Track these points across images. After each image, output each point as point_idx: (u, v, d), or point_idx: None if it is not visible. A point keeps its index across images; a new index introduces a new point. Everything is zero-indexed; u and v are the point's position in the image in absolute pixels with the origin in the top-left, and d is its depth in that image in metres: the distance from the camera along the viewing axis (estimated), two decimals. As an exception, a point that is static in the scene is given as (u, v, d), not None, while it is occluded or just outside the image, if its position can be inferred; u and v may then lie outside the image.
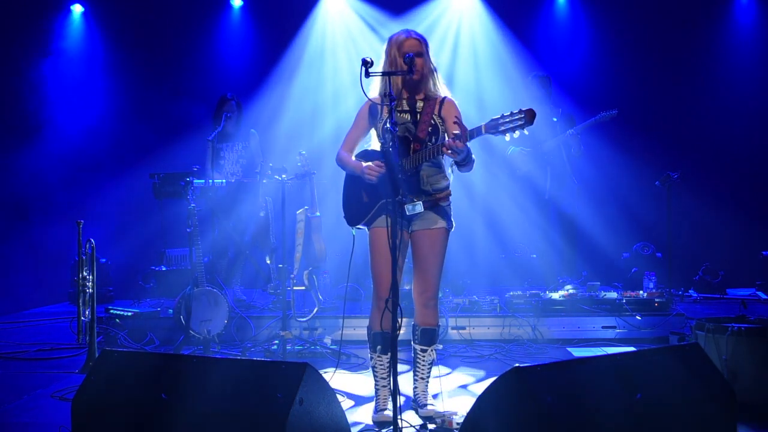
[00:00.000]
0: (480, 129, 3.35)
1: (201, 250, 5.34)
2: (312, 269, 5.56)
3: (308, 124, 8.04)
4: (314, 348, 5.22)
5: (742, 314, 4.12)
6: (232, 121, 6.42)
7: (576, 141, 6.54)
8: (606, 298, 5.79)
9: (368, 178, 3.61)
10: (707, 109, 8.04)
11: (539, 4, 8.39)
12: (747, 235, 7.73)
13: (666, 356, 3.19)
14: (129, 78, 8.19)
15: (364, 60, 3.30)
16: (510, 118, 3.23)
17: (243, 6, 8.53)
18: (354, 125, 3.87)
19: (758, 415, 3.59)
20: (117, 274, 7.71)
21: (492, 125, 3.29)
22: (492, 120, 3.29)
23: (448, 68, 7.92)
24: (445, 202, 3.75)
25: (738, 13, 8.28)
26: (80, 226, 5.17)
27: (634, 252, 7.58)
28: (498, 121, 3.27)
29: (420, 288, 3.79)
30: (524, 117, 3.19)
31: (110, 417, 3.03)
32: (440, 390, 4.06)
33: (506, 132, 3.25)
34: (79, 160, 8.01)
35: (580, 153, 6.62)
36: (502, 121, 3.25)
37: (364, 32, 8.19)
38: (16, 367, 5.06)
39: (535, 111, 3.21)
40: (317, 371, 2.95)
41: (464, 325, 5.66)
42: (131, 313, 5.79)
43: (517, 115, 3.21)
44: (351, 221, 3.84)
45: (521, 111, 3.21)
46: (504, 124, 3.24)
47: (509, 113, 3.23)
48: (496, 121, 3.28)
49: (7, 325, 6.56)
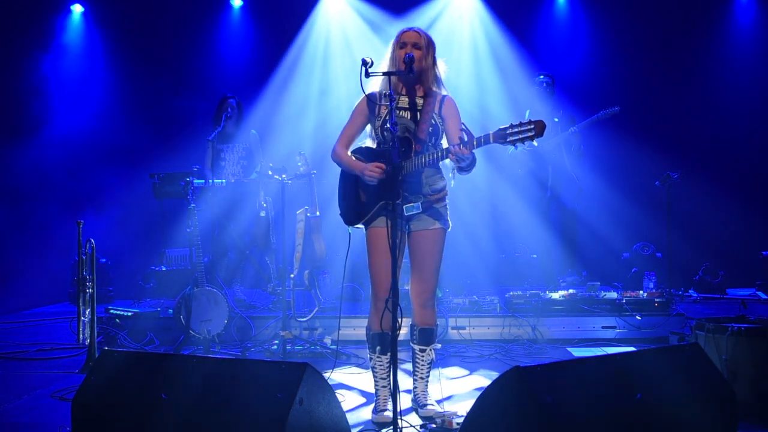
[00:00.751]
0: (488, 137, 3.30)
1: (201, 250, 5.34)
2: (312, 269, 5.56)
3: (308, 124, 8.04)
4: (314, 348, 5.22)
5: (742, 314, 4.12)
6: (232, 121, 6.42)
7: (577, 139, 6.56)
8: (606, 298, 5.79)
9: (369, 179, 3.59)
10: (707, 109, 8.04)
11: (539, 4, 8.39)
12: (747, 235, 7.73)
13: (666, 356, 3.19)
14: (129, 78, 8.19)
15: (364, 60, 3.29)
16: (519, 129, 3.18)
17: (243, 6, 8.53)
18: (351, 121, 3.83)
19: (758, 415, 3.59)
20: (117, 274, 7.71)
21: (500, 134, 3.25)
22: (500, 129, 3.25)
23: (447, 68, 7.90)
24: (442, 203, 3.74)
25: (738, 13, 8.29)
26: (80, 226, 5.17)
27: (634, 252, 7.58)
28: (506, 131, 3.22)
29: (418, 288, 3.78)
30: (534, 129, 3.15)
31: (110, 417, 3.03)
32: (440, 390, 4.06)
33: (515, 142, 3.21)
34: (79, 160, 8.01)
35: (580, 152, 6.64)
36: (511, 131, 3.21)
37: (364, 32, 8.19)
38: (16, 367, 5.06)
39: (545, 123, 3.17)
40: (317, 371, 2.95)
41: (464, 325, 5.66)
42: (131, 313, 5.79)
43: (526, 126, 3.16)
44: (348, 220, 3.82)
45: (531, 122, 3.16)
46: (513, 134, 3.20)
47: (518, 123, 3.19)
48: (504, 130, 3.23)
49: (7, 325, 6.56)
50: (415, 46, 3.63)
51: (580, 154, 6.64)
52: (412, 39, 3.65)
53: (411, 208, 3.60)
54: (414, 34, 3.67)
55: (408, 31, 3.69)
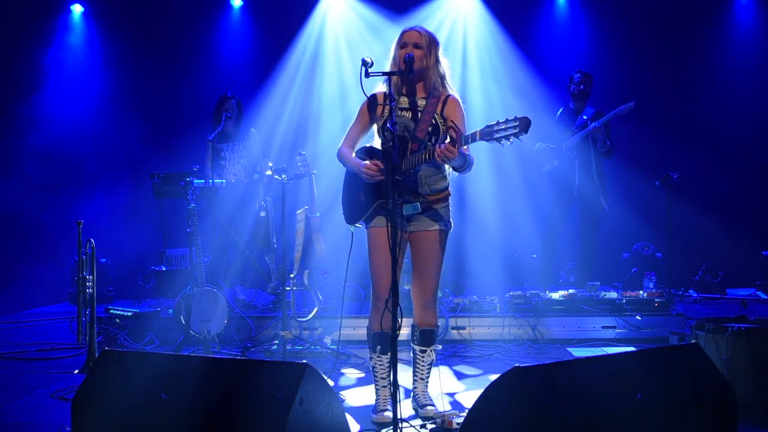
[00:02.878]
0: (474, 135, 3.30)
1: (201, 250, 5.34)
2: (312, 269, 5.56)
3: (308, 124, 8.04)
4: (314, 348, 5.22)
5: (742, 314, 4.12)
6: (232, 120, 6.41)
7: (601, 134, 6.31)
8: (606, 298, 5.79)
9: (365, 177, 3.60)
10: (707, 109, 8.04)
11: (539, 5, 8.39)
12: (747, 235, 7.73)
13: (666, 356, 3.19)
14: (129, 78, 8.19)
15: (364, 60, 3.29)
16: (504, 126, 3.17)
17: (243, 6, 8.53)
18: (355, 121, 3.84)
19: (758, 415, 3.59)
20: (117, 274, 7.71)
21: (486, 132, 3.24)
22: (487, 126, 3.24)
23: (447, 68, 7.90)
24: (443, 203, 3.73)
25: (738, 13, 8.29)
26: (80, 226, 5.17)
27: (634, 252, 7.58)
28: (493, 128, 3.21)
29: (419, 289, 3.78)
30: (518, 125, 3.12)
31: (110, 417, 3.02)
32: (440, 390, 4.06)
33: (500, 139, 3.19)
34: (79, 160, 8.02)
35: (607, 147, 6.37)
36: (497, 128, 3.19)
37: (364, 32, 8.19)
38: (16, 367, 5.06)
39: (530, 119, 3.13)
40: (317, 371, 2.95)
41: (464, 325, 5.66)
42: (131, 313, 5.79)
43: (511, 123, 3.14)
44: (349, 219, 3.84)
45: (516, 119, 3.13)
46: (498, 131, 3.18)
47: (504, 120, 3.17)
48: (491, 127, 3.22)
49: (7, 325, 6.56)
50: (415, 46, 3.63)
51: (607, 149, 6.40)
52: (413, 39, 3.65)
53: (409, 208, 3.60)
54: (415, 34, 3.67)
55: (409, 31, 3.69)
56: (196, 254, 5.31)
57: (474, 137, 3.30)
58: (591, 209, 6.54)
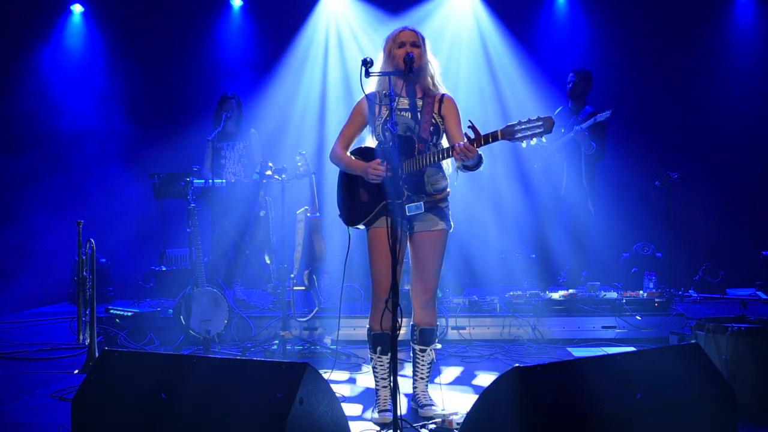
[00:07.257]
0: (496, 134, 3.30)
1: (201, 250, 5.34)
2: (312, 269, 5.56)
3: (308, 124, 8.04)
4: (314, 348, 5.22)
5: (742, 314, 4.12)
6: (232, 120, 6.41)
7: (585, 138, 6.22)
8: (606, 298, 5.79)
9: (372, 178, 3.58)
10: (707, 109, 8.04)
11: (539, 4, 8.39)
12: (747, 235, 7.72)
13: (666, 356, 3.19)
14: (129, 78, 8.18)
15: (364, 60, 3.28)
16: (527, 125, 3.17)
17: (243, 6, 8.53)
18: (350, 121, 3.81)
19: (758, 415, 3.59)
20: (117, 274, 7.71)
21: (508, 131, 3.24)
22: (509, 125, 3.25)
23: (447, 68, 7.91)
24: (444, 203, 3.73)
25: (738, 13, 8.29)
26: (80, 226, 5.16)
27: (634, 252, 7.58)
28: (515, 128, 3.22)
29: (419, 289, 3.78)
30: (543, 125, 3.14)
31: (110, 417, 3.03)
32: (440, 390, 4.06)
33: (523, 139, 3.20)
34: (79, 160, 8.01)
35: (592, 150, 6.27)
36: (519, 128, 3.20)
37: (363, 32, 8.19)
38: (16, 367, 5.06)
39: (554, 119, 3.15)
40: (317, 371, 2.95)
41: (464, 325, 5.66)
42: (131, 313, 5.79)
43: (534, 123, 3.16)
44: (349, 221, 3.80)
45: (539, 118, 3.14)
46: (522, 130, 3.19)
47: (526, 120, 3.17)
48: (512, 126, 3.23)
49: (7, 325, 6.56)
50: (413, 45, 3.62)
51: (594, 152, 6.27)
52: (410, 38, 3.64)
53: (413, 207, 3.59)
54: (411, 33, 3.67)
55: (405, 30, 3.68)
56: (196, 254, 5.32)
57: (495, 136, 3.30)
58: (578, 212, 6.48)
